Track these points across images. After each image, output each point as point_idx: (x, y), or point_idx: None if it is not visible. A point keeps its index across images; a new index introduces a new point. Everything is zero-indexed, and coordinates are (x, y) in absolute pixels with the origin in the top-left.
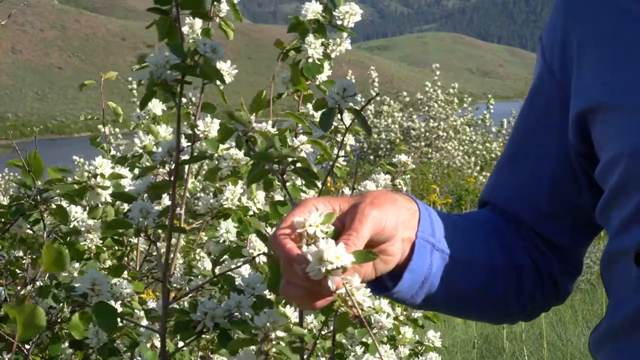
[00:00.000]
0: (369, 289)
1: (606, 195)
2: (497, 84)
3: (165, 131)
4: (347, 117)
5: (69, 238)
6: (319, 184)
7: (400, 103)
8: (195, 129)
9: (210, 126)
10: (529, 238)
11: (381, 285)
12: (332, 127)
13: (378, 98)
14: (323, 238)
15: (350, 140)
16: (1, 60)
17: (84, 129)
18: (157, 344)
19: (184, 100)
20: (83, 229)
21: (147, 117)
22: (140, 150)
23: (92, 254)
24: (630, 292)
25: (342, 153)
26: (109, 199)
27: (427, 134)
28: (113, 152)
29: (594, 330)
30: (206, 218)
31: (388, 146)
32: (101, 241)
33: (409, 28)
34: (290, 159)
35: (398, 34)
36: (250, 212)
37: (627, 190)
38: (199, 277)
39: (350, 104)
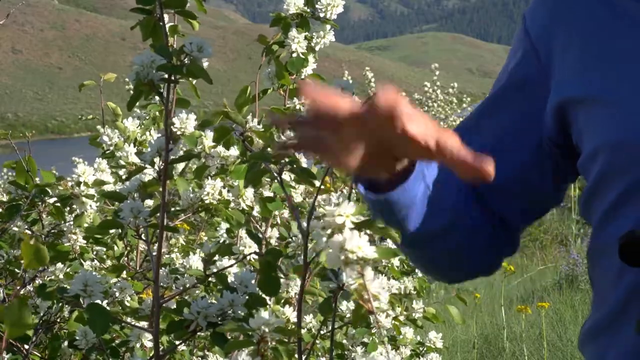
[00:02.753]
0: (384, 281)
1: (588, 186)
2: None
3: (132, 124)
4: None
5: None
6: (317, 183)
7: None
8: (172, 127)
9: (186, 122)
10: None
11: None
12: None
13: None
14: (351, 229)
15: None
16: (1, 60)
17: (84, 129)
18: (147, 343)
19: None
20: (65, 229)
21: (147, 118)
22: (112, 148)
23: (76, 254)
24: (611, 288)
25: None
26: (94, 208)
27: None
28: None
29: (582, 328)
30: (188, 213)
31: None
32: (85, 241)
33: (409, 28)
34: (287, 159)
35: (398, 34)
36: (239, 209)
37: (607, 182)
38: (185, 275)
39: None
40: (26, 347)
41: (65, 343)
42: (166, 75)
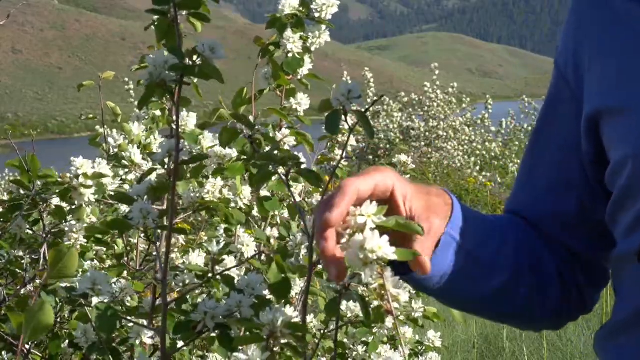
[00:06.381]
0: (404, 283)
1: (614, 198)
2: (496, 84)
3: (137, 129)
4: (350, 119)
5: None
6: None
7: (399, 103)
8: (172, 124)
9: (186, 120)
10: (554, 248)
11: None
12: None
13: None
14: (371, 229)
15: (351, 140)
16: (1, 60)
17: (84, 129)
18: (146, 340)
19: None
20: (67, 228)
21: (146, 117)
22: (116, 150)
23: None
24: (634, 293)
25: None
26: (92, 199)
27: (427, 133)
28: (112, 152)
29: (600, 329)
30: (189, 212)
31: (387, 146)
32: (85, 240)
33: (409, 28)
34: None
35: (398, 34)
36: (237, 207)
37: (633, 192)
38: (185, 272)
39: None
40: (27, 346)
41: (66, 343)
42: (178, 76)
